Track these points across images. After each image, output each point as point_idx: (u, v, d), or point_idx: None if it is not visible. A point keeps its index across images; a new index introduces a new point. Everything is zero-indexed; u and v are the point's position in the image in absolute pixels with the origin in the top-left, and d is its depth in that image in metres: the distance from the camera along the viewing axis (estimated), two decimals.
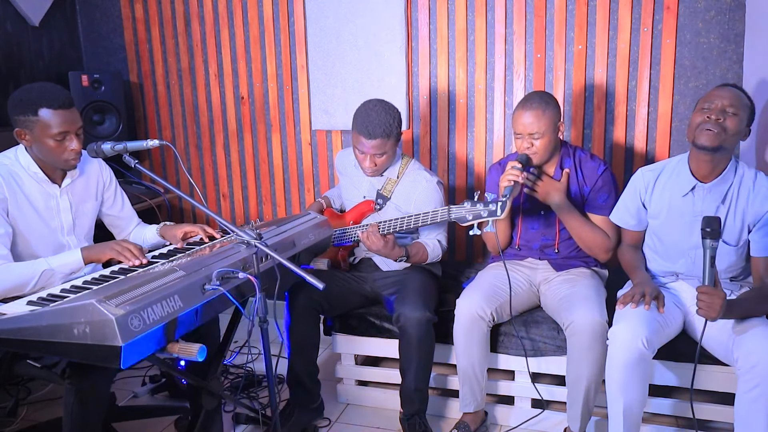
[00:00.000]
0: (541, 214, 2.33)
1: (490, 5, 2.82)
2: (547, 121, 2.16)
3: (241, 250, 1.76)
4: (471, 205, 2.14)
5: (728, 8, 2.55)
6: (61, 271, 1.87)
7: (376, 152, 2.29)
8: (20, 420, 2.44)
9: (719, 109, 1.90)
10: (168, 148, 3.41)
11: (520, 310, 2.31)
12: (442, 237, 2.42)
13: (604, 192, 2.25)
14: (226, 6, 3.24)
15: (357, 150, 2.33)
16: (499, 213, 2.09)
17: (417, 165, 2.46)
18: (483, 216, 2.12)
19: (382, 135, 2.25)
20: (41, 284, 1.83)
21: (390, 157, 2.35)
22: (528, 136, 2.17)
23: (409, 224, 2.27)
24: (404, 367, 2.24)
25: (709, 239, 1.72)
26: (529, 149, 2.18)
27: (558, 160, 2.28)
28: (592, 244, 2.25)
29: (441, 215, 2.21)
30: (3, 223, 1.90)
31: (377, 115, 2.25)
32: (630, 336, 1.84)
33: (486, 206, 2.12)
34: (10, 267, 1.84)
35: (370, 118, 2.25)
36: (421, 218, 2.25)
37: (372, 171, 2.36)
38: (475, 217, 2.13)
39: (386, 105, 2.31)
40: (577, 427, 2.10)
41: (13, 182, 1.94)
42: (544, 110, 2.16)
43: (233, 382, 2.66)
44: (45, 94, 1.89)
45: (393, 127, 2.27)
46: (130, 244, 1.87)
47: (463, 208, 2.15)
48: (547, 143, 2.18)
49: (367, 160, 2.32)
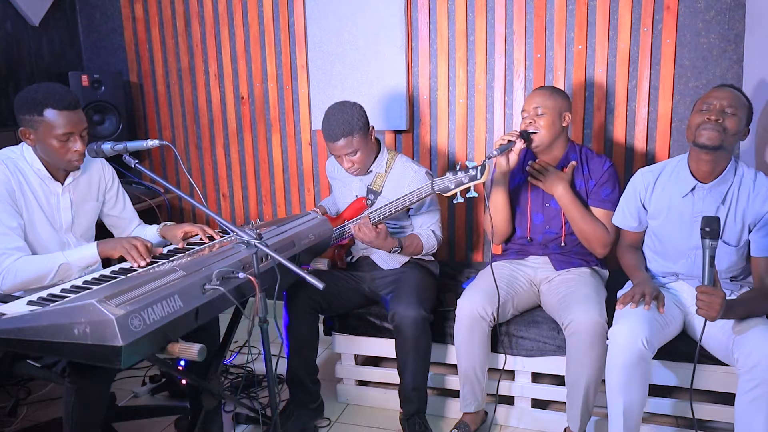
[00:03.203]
0: (546, 206, 2.35)
1: (490, 5, 2.83)
2: (554, 103, 2.24)
3: (241, 250, 1.76)
4: (453, 174, 2.17)
5: (728, 8, 2.55)
6: (77, 265, 1.89)
7: (346, 152, 2.31)
8: (20, 420, 2.44)
9: (718, 110, 1.90)
10: (168, 148, 3.41)
11: (520, 309, 2.31)
12: (436, 227, 2.44)
13: (608, 186, 2.28)
14: (226, 6, 3.24)
15: (333, 154, 2.39)
16: (479, 176, 2.12)
17: (404, 158, 2.49)
18: (465, 182, 2.14)
19: (343, 134, 2.27)
20: (59, 277, 1.84)
21: (366, 153, 2.36)
22: (533, 111, 2.25)
23: (397, 207, 2.29)
24: (401, 366, 2.25)
25: (709, 239, 1.72)
26: (531, 125, 2.25)
27: (563, 154, 2.33)
28: (591, 236, 2.26)
29: (425, 189, 2.23)
30: (15, 216, 1.91)
31: (334, 117, 2.29)
32: (630, 336, 1.84)
33: (466, 173, 2.15)
34: (29, 260, 1.86)
35: (329, 122, 2.30)
36: (407, 198, 2.27)
37: (354, 170, 2.39)
38: (458, 184, 2.15)
39: (343, 105, 2.33)
40: (577, 427, 2.10)
41: (20, 176, 1.95)
42: (552, 93, 2.27)
43: (233, 382, 2.66)
44: (51, 94, 1.89)
45: (353, 124, 2.28)
46: (138, 243, 1.86)
47: (446, 179, 2.18)
48: (550, 123, 2.24)
49: (344, 161, 2.36)
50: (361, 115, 2.32)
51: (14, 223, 1.90)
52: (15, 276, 1.82)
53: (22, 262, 1.84)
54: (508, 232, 2.42)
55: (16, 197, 1.92)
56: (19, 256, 1.85)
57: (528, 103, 2.28)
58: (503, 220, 2.36)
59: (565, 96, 2.30)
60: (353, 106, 2.34)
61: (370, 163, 2.43)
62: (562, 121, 2.27)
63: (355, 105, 2.35)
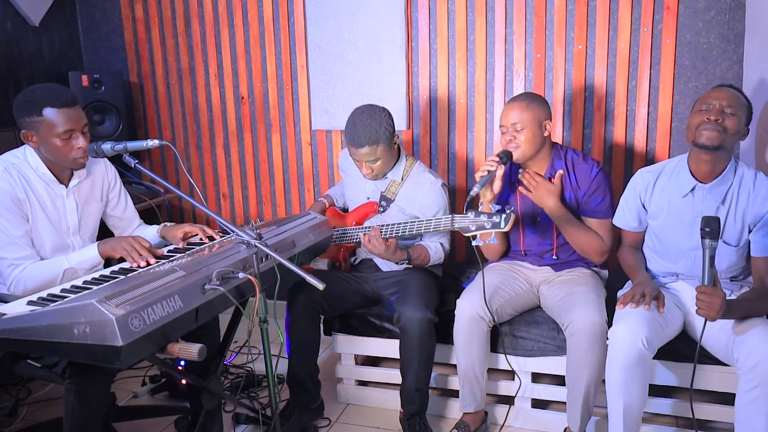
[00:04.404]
0: (538, 221, 2.32)
1: (490, 5, 2.82)
2: (531, 115, 2.16)
3: (241, 250, 1.76)
4: (475, 215, 2.10)
5: (728, 8, 2.54)
6: (81, 268, 1.89)
7: (368, 159, 2.28)
8: (20, 420, 2.44)
9: (718, 110, 1.90)
10: (168, 148, 3.41)
11: (520, 310, 2.31)
12: (444, 240, 2.42)
13: (599, 195, 2.22)
14: (226, 6, 3.24)
15: (353, 157, 2.34)
16: (503, 225, 2.05)
17: (422, 167, 2.44)
18: (486, 228, 2.07)
19: (369, 142, 2.23)
20: (66, 281, 1.84)
21: (386, 161, 2.33)
22: (511, 127, 2.18)
23: (411, 230, 2.25)
24: (405, 367, 2.24)
25: (709, 239, 1.72)
26: (512, 142, 2.18)
27: (549, 162, 2.27)
28: (587, 247, 2.24)
29: (444, 224, 2.18)
30: (21, 223, 1.91)
31: (362, 123, 2.24)
32: (630, 336, 1.84)
33: (490, 218, 2.07)
34: (35, 268, 1.88)
35: (356, 128, 2.24)
36: (423, 225, 2.23)
37: (371, 176, 2.36)
38: (479, 228, 2.09)
39: (372, 110, 2.27)
40: (577, 427, 2.10)
41: (24, 182, 1.95)
42: (528, 104, 2.18)
43: (233, 382, 2.66)
44: (49, 93, 1.89)
45: (380, 132, 2.23)
46: (138, 244, 1.86)
47: (467, 218, 2.11)
48: (531, 137, 2.17)
49: (363, 167, 2.32)
50: (389, 123, 2.27)
51: (20, 231, 1.90)
52: (24, 286, 1.85)
53: (28, 271, 1.86)
54: (503, 251, 2.43)
55: (22, 204, 1.92)
56: (25, 265, 1.87)
57: (505, 118, 2.19)
58: (499, 248, 2.39)
59: (542, 102, 2.22)
60: (382, 112, 2.27)
61: (389, 170, 2.40)
62: (543, 132, 2.20)
63: (384, 111, 2.28)
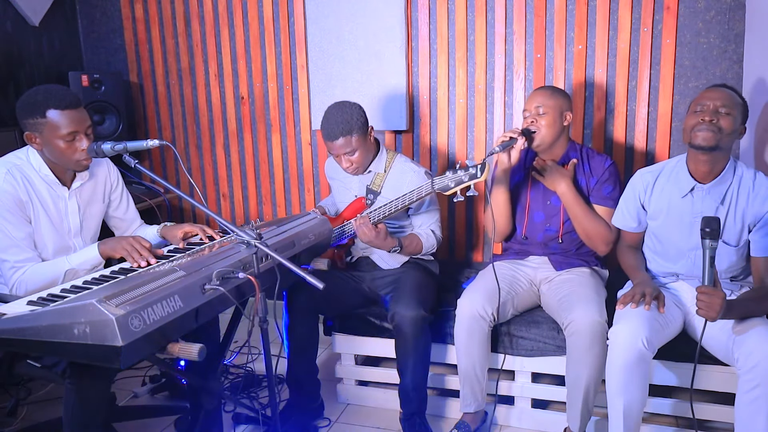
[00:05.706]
0: (547, 204, 2.35)
1: (490, 5, 2.83)
2: (555, 102, 2.25)
3: (241, 250, 1.76)
4: (452, 173, 2.18)
5: (728, 8, 2.55)
6: (82, 268, 1.89)
7: (344, 151, 2.32)
8: (20, 420, 2.44)
9: (712, 110, 1.90)
10: (168, 148, 3.41)
11: (520, 309, 2.32)
12: (435, 227, 2.44)
13: (610, 184, 2.29)
14: (226, 6, 3.24)
15: (331, 154, 2.39)
16: (479, 175, 2.12)
17: (403, 158, 2.49)
18: (465, 181, 2.15)
19: (342, 133, 2.28)
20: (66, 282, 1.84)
21: (363, 153, 2.36)
22: (534, 111, 2.26)
23: (396, 206, 2.29)
24: (401, 366, 2.25)
25: (709, 239, 1.72)
26: (533, 124, 2.26)
27: (564, 153, 2.34)
28: (594, 233, 2.26)
29: (425, 188, 2.23)
30: (23, 225, 1.91)
31: (333, 116, 2.29)
32: (630, 336, 1.84)
33: (467, 172, 2.15)
34: (36, 270, 1.87)
35: (329, 122, 2.30)
36: (407, 197, 2.27)
37: (352, 170, 2.39)
38: (457, 183, 2.16)
39: (342, 104, 2.34)
40: (576, 427, 2.10)
41: (27, 184, 1.94)
42: (553, 93, 2.28)
43: (233, 382, 2.66)
44: (52, 95, 1.88)
45: (351, 123, 2.28)
46: (138, 244, 1.86)
47: (446, 178, 2.19)
48: (551, 122, 2.24)
49: (343, 161, 2.36)
50: (360, 114, 2.33)
51: (22, 233, 1.90)
52: (26, 288, 1.85)
53: (29, 273, 1.86)
54: (509, 230, 2.42)
55: (24, 206, 1.92)
56: (27, 267, 1.87)
57: (529, 103, 2.29)
58: (504, 217, 2.36)
59: (566, 95, 2.31)
60: (352, 105, 2.34)
61: (369, 162, 2.43)
62: (563, 120, 2.28)
63: (355, 105, 2.35)
